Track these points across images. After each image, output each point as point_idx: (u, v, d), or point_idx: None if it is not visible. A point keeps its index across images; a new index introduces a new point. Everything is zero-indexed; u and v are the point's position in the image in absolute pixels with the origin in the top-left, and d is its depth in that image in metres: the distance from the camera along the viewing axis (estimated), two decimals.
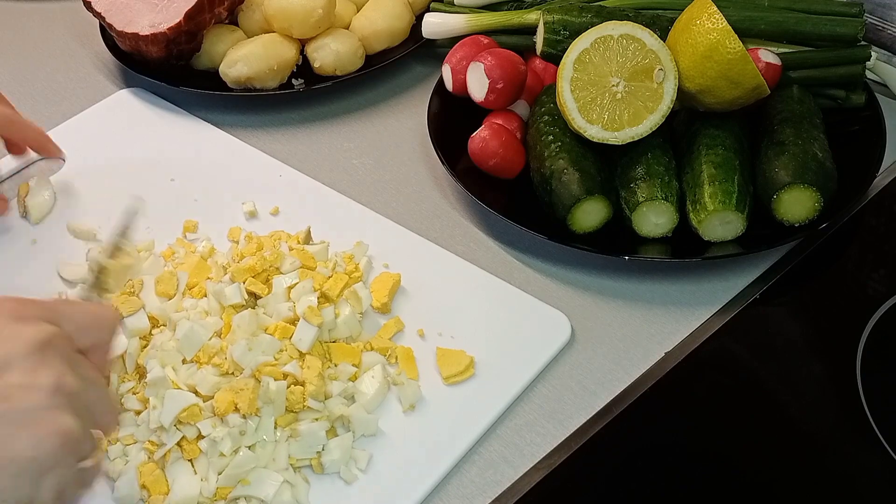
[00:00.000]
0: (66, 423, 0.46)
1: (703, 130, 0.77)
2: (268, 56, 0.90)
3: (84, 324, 0.52)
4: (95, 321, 0.53)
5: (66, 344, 0.50)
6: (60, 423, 0.46)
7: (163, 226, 0.79)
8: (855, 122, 0.84)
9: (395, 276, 0.73)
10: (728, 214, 0.72)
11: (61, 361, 0.48)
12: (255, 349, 0.64)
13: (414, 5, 0.99)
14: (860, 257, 0.78)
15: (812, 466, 0.63)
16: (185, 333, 0.64)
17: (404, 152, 0.89)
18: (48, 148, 0.82)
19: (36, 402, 0.46)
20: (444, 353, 0.68)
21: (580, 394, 0.67)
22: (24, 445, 0.45)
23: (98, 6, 0.93)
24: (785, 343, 0.71)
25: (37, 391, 0.46)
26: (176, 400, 0.61)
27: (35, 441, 0.45)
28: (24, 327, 0.48)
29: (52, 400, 0.46)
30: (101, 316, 0.54)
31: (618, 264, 0.76)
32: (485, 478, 0.63)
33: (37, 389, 0.46)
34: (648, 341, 0.71)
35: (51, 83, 0.99)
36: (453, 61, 0.86)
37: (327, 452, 0.62)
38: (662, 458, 0.64)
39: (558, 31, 0.82)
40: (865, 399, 0.65)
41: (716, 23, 0.72)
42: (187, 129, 0.91)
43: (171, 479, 0.60)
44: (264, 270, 0.70)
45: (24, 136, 0.79)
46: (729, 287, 0.74)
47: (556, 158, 0.75)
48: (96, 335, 0.53)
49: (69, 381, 0.48)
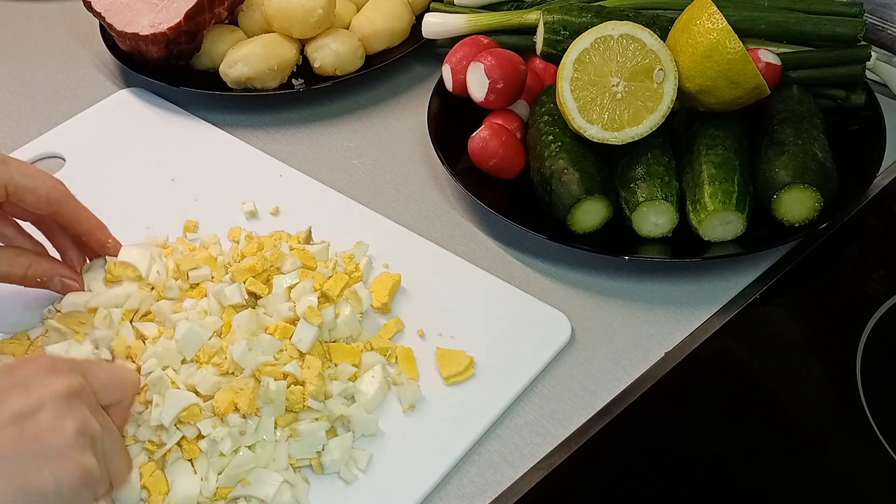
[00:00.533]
0: (87, 462, 0.51)
1: (703, 130, 0.77)
2: (268, 56, 0.90)
3: (107, 382, 0.57)
4: (118, 381, 0.59)
5: (91, 396, 0.55)
6: (82, 461, 0.51)
7: (163, 226, 0.79)
8: (855, 122, 0.84)
9: (395, 276, 0.73)
10: (728, 214, 0.72)
11: (86, 410, 0.53)
12: (255, 349, 0.64)
13: (414, 5, 0.99)
14: (860, 257, 0.78)
15: (812, 466, 0.63)
16: (185, 334, 0.64)
17: (404, 152, 0.89)
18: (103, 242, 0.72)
19: (62, 442, 0.51)
20: (444, 353, 0.68)
21: (580, 394, 0.67)
22: (48, 478, 0.49)
23: (98, 6, 0.93)
24: (785, 343, 0.71)
25: (63, 432, 0.51)
26: (176, 399, 0.61)
27: (58, 475, 0.50)
28: (56, 378, 0.53)
29: (77, 441, 0.51)
30: (123, 377, 0.60)
31: (618, 264, 0.76)
32: (485, 478, 0.63)
33: (63, 431, 0.51)
34: (648, 341, 0.71)
35: (51, 83, 0.99)
36: (453, 61, 0.86)
37: (327, 452, 0.62)
38: (662, 458, 0.64)
39: (558, 31, 0.82)
40: (865, 399, 0.65)
41: (716, 23, 0.72)
42: (187, 129, 0.91)
43: (171, 479, 0.60)
44: (265, 270, 0.70)
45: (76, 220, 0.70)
46: (729, 287, 0.74)
47: (556, 158, 0.75)
48: (118, 394, 0.58)
49: (92, 427, 0.53)
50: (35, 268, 0.69)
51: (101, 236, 0.71)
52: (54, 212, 0.68)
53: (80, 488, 0.51)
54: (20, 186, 0.65)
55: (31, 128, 0.93)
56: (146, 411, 0.62)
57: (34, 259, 0.70)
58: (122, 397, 0.59)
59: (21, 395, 0.52)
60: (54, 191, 0.67)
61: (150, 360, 0.64)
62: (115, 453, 0.55)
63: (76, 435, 0.51)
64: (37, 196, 0.66)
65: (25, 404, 0.51)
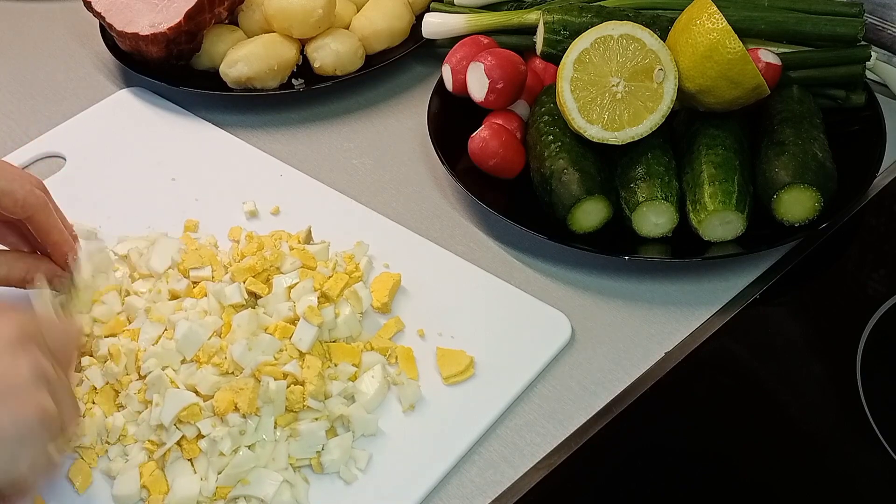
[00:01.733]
0: (44, 401, 0.52)
1: (703, 130, 0.77)
2: (268, 56, 0.90)
3: (53, 329, 0.58)
4: (63, 329, 0.60)
5: (42, 340, 0.56)
6: (39, 401, 0.52)
7: (163, 225, 0.79)
8: (855, 122, 0.84)
9: (395, 276, 0.73)
10: (728, 214, 0.72)
11: (38, 351, 0.54)
12: (255, 349, 0.64)
13: (414, 5, 0.99)
14: (860, 257, 0.78)
15: (812, 466, 0.63)
16: (184, 334, 0.64)
17: (404, 152, 0.89)
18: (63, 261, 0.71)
19: (18, 382, 0.51)
20: (444, 353, 0.68)
21: (580, 394, 0.67)
22: (5, 419, 0.50)
23: (98, 6, 0.93)
24: (785, 343, 0.71)
25: (18, 374, 0.52)
26: (176, 399, 0.61)
27: (16, 415, 0.50)
28: (8, 322, 0.54)
29: (33, 381, 0.52)
30: (67, 325, 0.62)
31: (618, 264, 0.76)
32: (485, 478, 0.63)
33: (19, 372, 0.52)
34: (648, 341, 0.71)
35: (51, 83, 0.99)
36: (453, 61, 0.86)
37: (327, 452, 0.62)
38: (662, 458, 0.64)
39: (558, 31, 0.82)
40: (865, 399, 0.65)
41: (716, 23, 0.72)
42: (188, 129, 0.91)
43: (171, 479, 0.60)
44: (265, 270, 0.70)
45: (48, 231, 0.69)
46: (729, 287, 0.74)
47: (556, 158, 0.75)
48: (63, 341, 0.59)
49: (47, 368, 0.54)
50: (34, 272, 0.69)
51: (65, 250, 0.70)
52: (27, 217, 0.68)
53: (38, 427, 0.51)
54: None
55: (31, 128, 0.93)
56: (146, 411, 0.63)
57: (33, 263, 0.70)
58: (67, 349, 0.60)
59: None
60: (31, 196, 0.67)
61: (149, 360, 0.64)
62: (66, 399, 0.56)
63: (32, 377, 0.52)
64: (13, 200, 0.66)
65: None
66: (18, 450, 0.50)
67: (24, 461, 0.51)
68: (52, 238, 0.69)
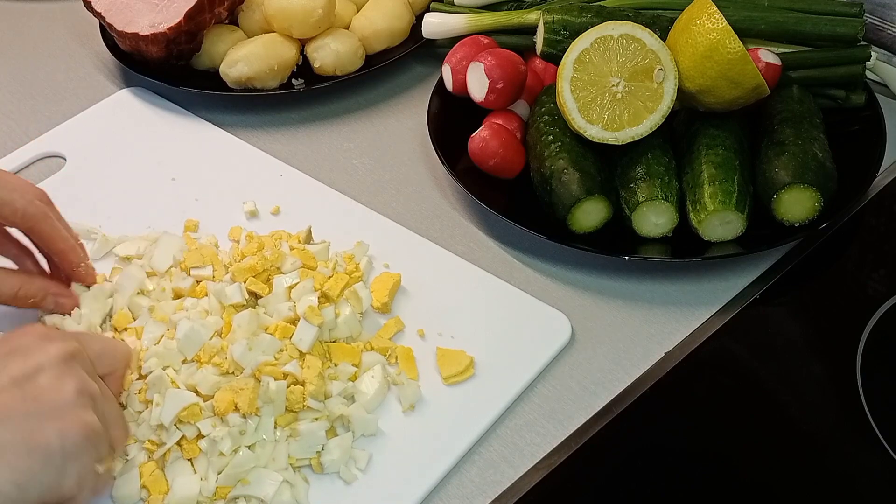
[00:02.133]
0: (89, 419, 0.53)
1: (703, 130, 0.77)
2: (268, 56, 0.90)
3: (102, 351, 0.60)
4: (112, 351, 0.61)
5: (87, 361, 0.57)
6: (84, 418, 0.53)
7: (164, 225, 0.79)
8: (855, 122, 0.84)
9: (395, 276, 0.73)
10: (728, 214, 0.72)
11: (83, 371, 0.55)
12: (255, 349, 0.64)
13: (414, 5, 0.99)
14: (860, 257, 0.78)
15: (812, 466, 0.63)
16: (186, 333, 0.64)
17: (404, 152, 0.89)
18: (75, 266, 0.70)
19: (63, 400, 0.53)
20: (444, 353, 0.68)
21: (580, 394, 0.67)
22: (51, 435, 0.51)
23: (98, 6, 0.93)
24: (785, 343, 0.71)
25: (63, 392, 0.53)
26: (176, 399, 0.61)
27: (61, 432, 0.52)
28: (52, 343, 0.55)
29: (77, 399, 0.53)
30: (116, 347, 0.62)
31: (618, 264, 0.76)
32: (485, 478, 0.63)
33: (64, 390, 0.53)
34: (648, 341, 0.71)
35: (51, 83, 0.99)
36: (453, 61, 0.86)
37: (327, 452, 0.62)
38: (662, 458, 0.64)
39: (558, 31, 0.82)
40: (865, 399, 0.65)
41: (716, 23, 0.72)
42: (188, 129, 0.91)
43: (171, 479, 0.60)
44: (265, 270, 0.70)
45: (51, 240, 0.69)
46: (729, 287, 0.74)
47: (556, 158, 0.75)
48: (111, 364, 0.61)
49: (91, 387, 0.55)
50: (26, 289, 0.68)
51: (73, 258, 0.70)
52: (28, 228, 0.67)
53: (84, 443, 0.52)
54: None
55: (31, 128, 0.93)
56: (146, 411, 0.63)
57: (25, 280, 0.69)
58: (116, 367, 0.61)
59: (19, 361, 0.53)
60: (31, 206, 0.66)
61: (150, 360, 0.64)
62: (114, 419, 0.57)
63: (76, 394, 0.53)
64: (13, 210, 0.66)
65: (25, 368, 0.53)
66: (64, 466, 0.51)
67: (71, 477, 0.52)
68: (57, 247, 0.69)
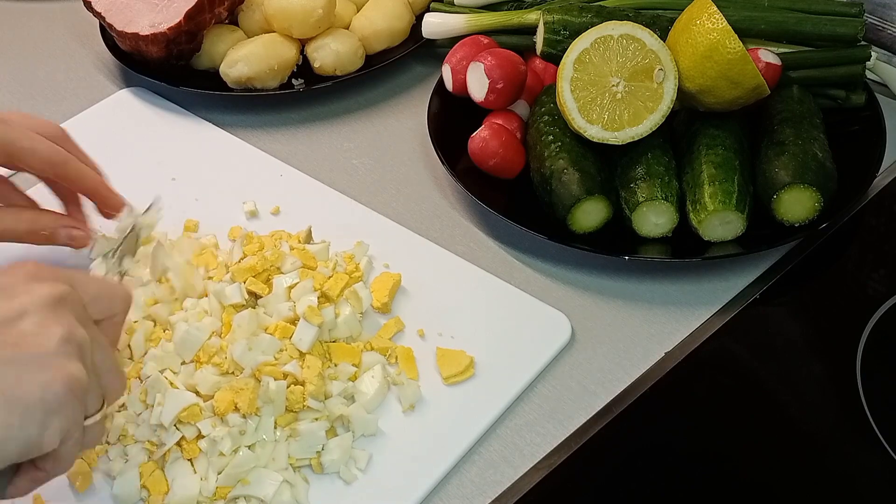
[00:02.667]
0: (73, 370, 0.48)
1: (703, 130, 0.77)
2: (268, 56, 0.90)
3: (98, 294, 0.54)
4: (109, 293, 0.55)
5: (79, 305, 0.52)
6: (68, 368, 0.48)
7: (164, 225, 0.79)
8: (855, 122, 0.84)
9: (395, 276, 0.73)
10: (728, 214, 0.72)
11: (73, 317, 0.50)
12: (255, 349, 0.64)
13: (414, 5, 0.99)
14: (860, 257, 0.78)
15: (812, 466, 0.63)
16: (182, 337, 0.64)
17: (404, 152, 0.89)
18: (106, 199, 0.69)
19: (46, 348, 0.48)
20: (444, 353, 0.68)
21: (580, 394, 0.67)
22: (32, 387, 0.47)
23: (98, 6, 0.93)
24: (785, 343, 0.71)
25: (47, 339, 0.48)
26: (176, 399, 0.61)
27: (43, 383, 0.47)
28: (40, 284, 0.50)
29: (62, 348, 0.49)
30: (115, 289, 0.56)
31: (618, 264, 0.76)
32: (485, 478, 0.63)
33: (47, 338, 0.48)
34: (648, 341, 0.71)
35: (51, 83, 0.99)
36: (453, 61, 0.86)
37: (327, 452, 0.62)
38: (662, 458, 0.64)
39: (558, 31, 0.82)
40: (865, 399, 0.65)
41: (716, 23, 0.72)
42: (188, 129, 0.91)
43: (171, 479, 0.60)
44: (265, 270, 0.70)
45: (79, 180, 0.69)
46: (729, 287, 0.74)
47: (556, 158, 0.75)
48: (109, 307, 0.55)
49: (79, 335, 0.50)
50: (38, 222, 0.67)
51: (104, 193, 0.69)
52: (55, 173, 0.67)
53: (67, 396, 0.48)
54: (22, 147, 0.64)
55: None
56: (146, 411, 0.63)
57: (36, 214, 0.68)
58: (114, 312, 0.56)
59: (2, 303, 0.49)
60: (55, 152, 0.66)
61: (149, 364, 0.64)
62: (108, 367, 0.53)
63: (61, 342, 0.49)
64: (39, 157, 0.65)
65: (6, 311, 0.49)
66: (45, 419, 0.47)
67: (53, 432, 0.48)
68: (86, 185, 0.68)
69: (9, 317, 0.49)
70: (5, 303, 0.49)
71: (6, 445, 0.46)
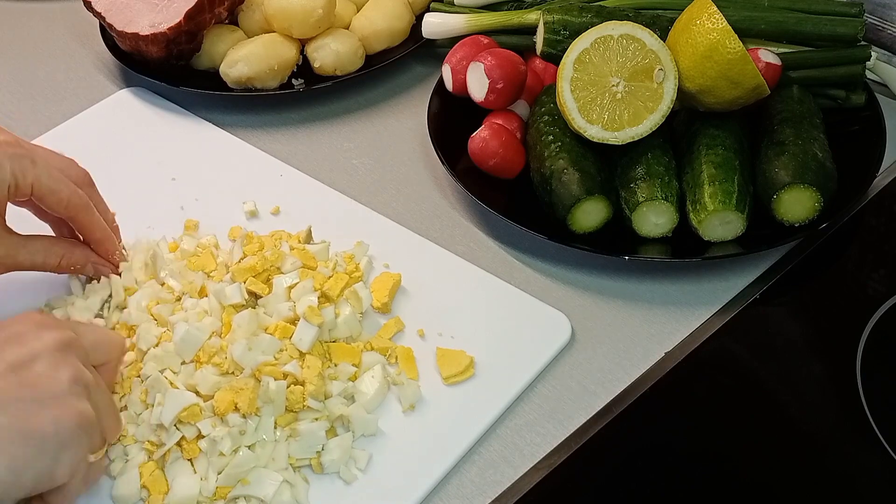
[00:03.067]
0: (82, 408, 0.54)
1: (703, 130, 0.77)
2: (268, 56, 0.90)
3: (96, 341, 0.60)
4: (107, 340, 0.62)
5: (82, 350, 0.57)
6: (78, 406, 0.53)
7: (164, 225, 0.79)
8: (855, 122, 0.84)
9: (395, 276, 0.73)
10: (728, 214, 0.72)
11: (78, 361, 0.56)
12: (255, 349, 0.64)
13: (414, 5, 0.99)
14: (860, 257, 0.78)
15: (812, 466, 0.63)
16: (182, 337, 0.64)
17: (404, 152, 0.89)
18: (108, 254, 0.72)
19: (58, 388, 0.53)
20: (444, 353, 0.68)
21: (580, 394, 0.67)
22: (46, 422, 0.52)
23: (98, 6, 0.93)
24: (785, 343, 0.71)
25: (58, 380, 0.54)
26: (176, 399, 0.61)
27: (56, 419, 0.52)
28: (48, 331, 0.56)
29: (72, 388, 0.54)
30: (111, 338, 0.63)
31: (618, 264, 0.76)
32: (485, 478, 0.63)
33: (58, 379, 0.54)
34: (648, 341, 0.71)
35: (51, 83, 0.99)
36: (453, 61, 0.86)
37: (327, 452, 0.62)
38: (662, 458, 0.64)
39: (558, 31, 0.82)
40: (865, 399, 0.65)
41: (716, 23, 0.72)
42: (188, 129, 0.91)
43: (171, 479, 0.60)
44: (265, 270, 0.70)
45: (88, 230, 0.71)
46: (729, 287, 0.74)
47: (556, 158, 0.75)
48: (106, 353, 0.61)
49: (86, 376, 0.55)
50: (69, 258, 0.71)
51: (108, 248, 0.72)
52: (70, 217, 0.69)
53: (78, 432, 0.53)
54: (45, 188, 0.67)
55: (31, 128, 0.93)
56: (146, 411, 0.63)
57: (68, 248, 0.71)
58: (110, 358, 0.62)
59: (15, 348, 0.54)
60: (75, 197, 0.68)
61: (149, 364, 0.64)
62: (106, 409, 0.57)
63: (71, 383, 0.54)
64: (58, 199, 0.67)
65: (21, 355, 0.53)
66: (58, 453, 0.52)
67: (64, 465, 0.52)
68: (94, 236, 0.71)
69: (24, 360, 0.53)
70: (19, 348, 0.54)
71: (22, 476, 0.50)
